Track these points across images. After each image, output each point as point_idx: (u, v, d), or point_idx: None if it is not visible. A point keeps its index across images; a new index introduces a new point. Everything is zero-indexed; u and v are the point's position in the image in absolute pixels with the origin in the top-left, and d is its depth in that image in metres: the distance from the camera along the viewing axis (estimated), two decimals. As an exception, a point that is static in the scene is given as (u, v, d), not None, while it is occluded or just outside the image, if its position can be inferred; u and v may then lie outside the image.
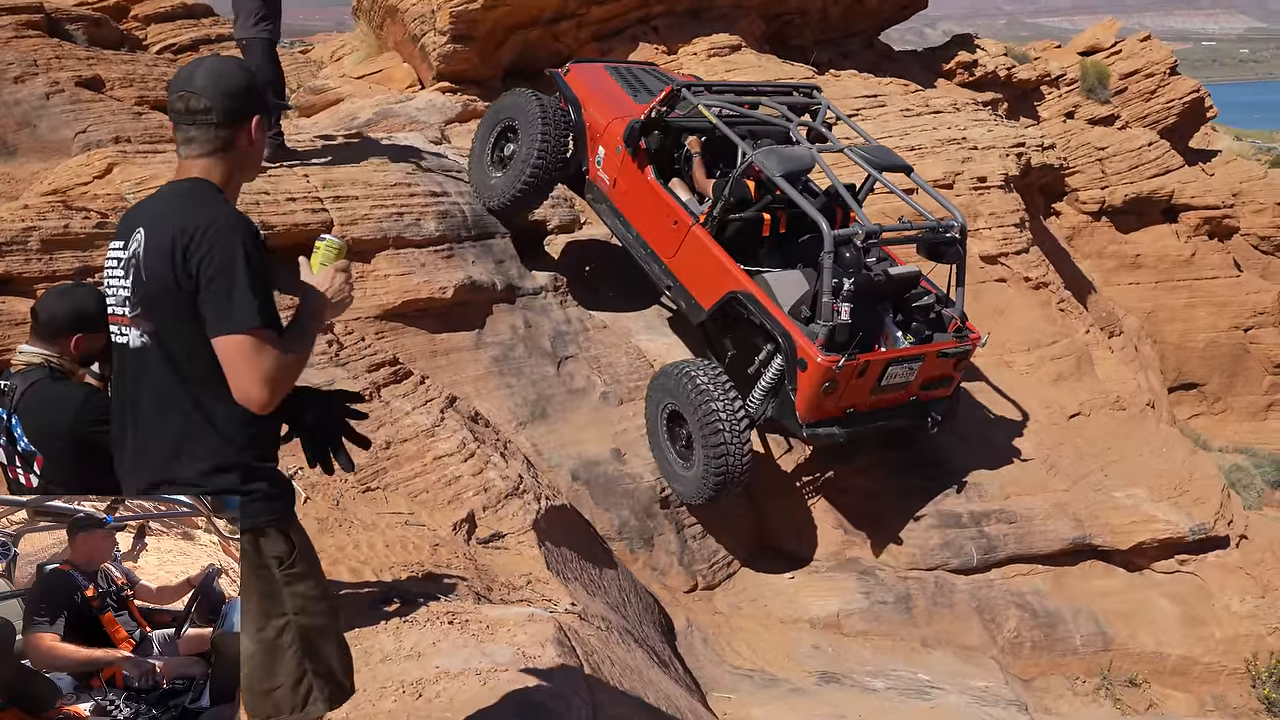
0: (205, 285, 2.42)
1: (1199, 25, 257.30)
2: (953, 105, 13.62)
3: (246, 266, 2.42)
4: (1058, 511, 8.68)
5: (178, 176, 2.62)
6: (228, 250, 2.42)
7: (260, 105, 2.65)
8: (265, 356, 2.42)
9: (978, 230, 11.06)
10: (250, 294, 2.41)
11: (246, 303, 2.41)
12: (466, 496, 6.17)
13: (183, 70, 2.62)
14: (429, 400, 6.95)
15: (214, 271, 2.42)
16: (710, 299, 7.80)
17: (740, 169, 7.77)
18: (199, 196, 2.53)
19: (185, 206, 2.51)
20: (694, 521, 8.16)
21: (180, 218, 2.48)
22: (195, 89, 2.55)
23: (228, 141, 2.59)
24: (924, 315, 7.61)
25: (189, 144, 2.59)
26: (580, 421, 8.23)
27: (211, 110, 2.55)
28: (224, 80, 2.58)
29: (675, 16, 13.59)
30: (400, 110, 11.75)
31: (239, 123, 2.60)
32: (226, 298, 2.41)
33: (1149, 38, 24.83)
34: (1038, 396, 9.85)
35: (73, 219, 6.48)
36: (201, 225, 2.44)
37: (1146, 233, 21.00)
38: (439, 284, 8.16)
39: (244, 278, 2.41)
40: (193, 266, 2.43)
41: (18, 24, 12.24)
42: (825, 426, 7.39)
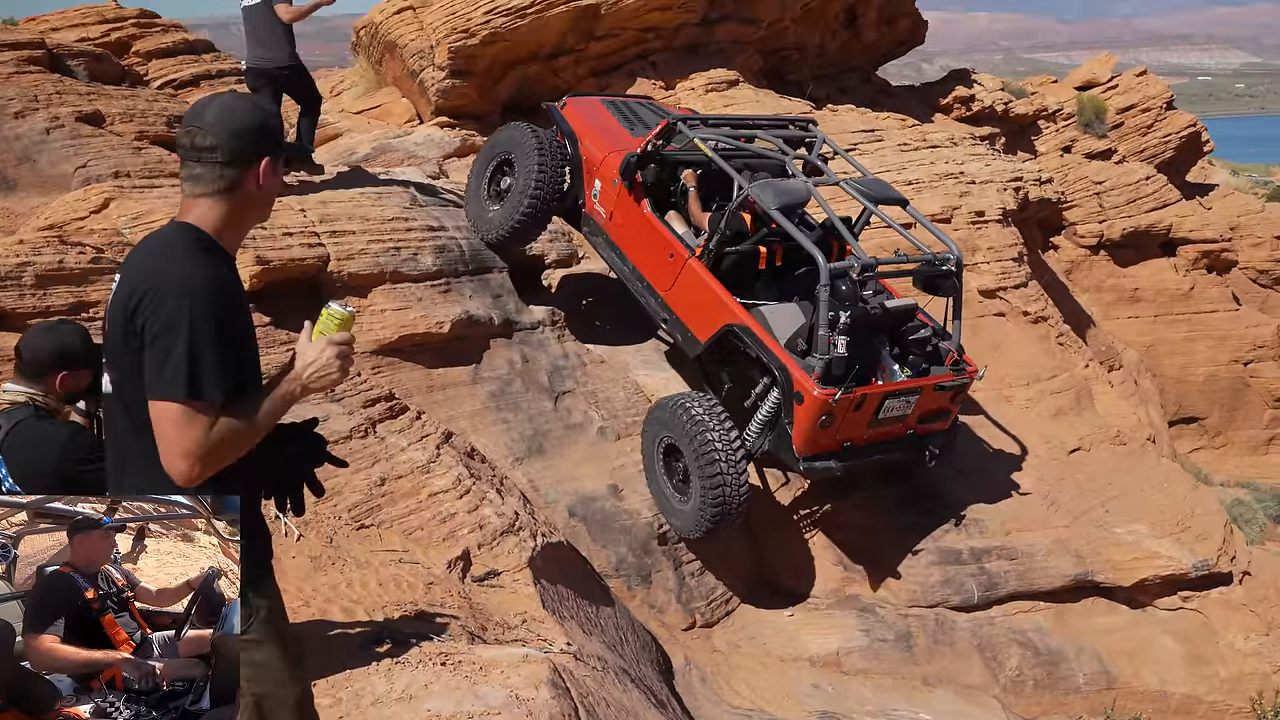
0: (148, 345, 2.34)
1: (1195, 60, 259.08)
2: (950, 140, 13.65)
3: (189, 332, 2.32)
4: (1059, 548, 8.61)
5: (178, 215, 2.53)
6: (174, 313, 2.33)
7: (274, 147, 2.54)
8: (192, 430, 2.31)
9: (976, 264, 11.05)
10: (186, 362, 2.31)
11: (179, 371, 2.31)
12: (462, 534, 6.10)
13: (196, 104, 2.53)
14: (425, 436, 6.89)
15: (157, 332, 2.33)
16: (706, 332, 7.77)
17: (736, 202, 7.78)
18: (169, 249, 2.43)
19: (152, 260, 2.43)
20: (692, 558, 8.09)
21: (142, 272, 2.40)
22: (203, 125, 2.46)
23: (233, 183, 2.49)
24: (921, 348, 7.58)
25: (193, 182, 2.49)
26: (577, 457, 8.18)
27: (217, 149, 2.45)
28: (234, 118, 2.47)
29: (673, 52, 13.66)
30: (398, 145, 11.77)
31: (247, 164, 2.49)
32: (162, 363, 2.32)
33: (1145, 72, 24.95)
34: (1037, 431, 9.80)
35: (68, 254, 6.46)
36: (155, 285, 2.35)
37: (1145, 266, 20.99)
38: (436, 319, 8.14)
39: (183, 344, 2.31)
40: (138, 325, 2.35)
41: (19, 60, 12.29)
42: (822, 460, 7.33)
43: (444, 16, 12.45)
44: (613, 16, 12.78)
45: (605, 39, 12.95)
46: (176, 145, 2.51)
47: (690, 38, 13.74)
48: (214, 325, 2.35)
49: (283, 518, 5.56)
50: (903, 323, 7.65)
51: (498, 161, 8.88)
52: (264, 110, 2.55)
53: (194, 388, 2.32)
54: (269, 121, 2.54)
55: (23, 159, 11.05)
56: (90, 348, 3.43)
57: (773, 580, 8.41)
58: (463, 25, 12.27)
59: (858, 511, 8.61)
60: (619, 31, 13.02)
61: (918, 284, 7.81)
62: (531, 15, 12.31)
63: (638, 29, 13.19)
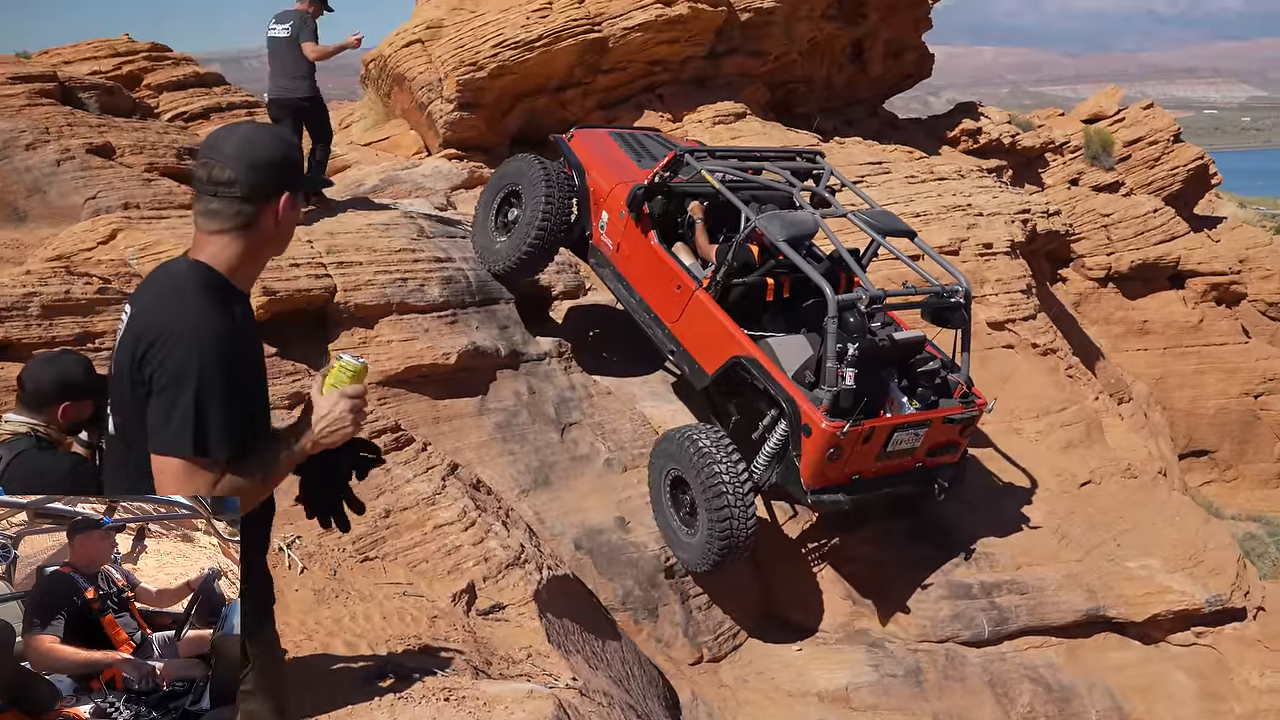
0: (155, 394, 2.27)
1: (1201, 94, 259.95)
2: (957, 172, 13.66)
3: (198, 384, 2.24)
4: (1070, 582, 8.51)
5: (191, 250, 2.42)
6: (183, 364, 2.25)
7: (294, 181, 2.42)
8: (195, 486, 2.27)
9: (984, 297, 11.02)
10: (193, 417, 2.24)
11: (185, 426, 2.24)
12: (466, 566, 6.05)
13: (214, 135, 2.41)
14: (430, 468, 6.85)
15: (165, 383, 2.26)
16: (714, 364, 7.73)
17: (743, 234, 7.75)
18: (180, 294, 2.33)
19: (162, 305, 2.33)
20: (699, 591, 8.01)
21: (151, 318, 2.31)
22: (221, 157, 2.33)
23: (251, 219, 2.37)
24: (929, 380, 7.53)
25: (209, 217, 2.36)
26: (584, 489, 8.13)
27: (236, 183, 2.33)
28: (254, 151, 2.35)
29: (680, 85, 13.73)
30: (406, 177, 11.81)
31: (266, 199, 2.37)
32: (168, 415, 2.25)
33: (1152, 106, 25.03)
34: (1047, 464, 9.72)
35: (74, 284, 6.46)
36: (164, 334, 2.27)
37: (1154, 299, 20.96)
38: (442, 350, 8.12)
39: (190, 397, 2.24)
40: (146, 374, 2.28)
41: (31, 92, 12.38)
42: (830, 493, 7.25)
43: (452, 50, 12.53)
44: (620, 50, 12.86)
45: (613, 72, 13.02)
46: (192, 178, 2.39)
47: (697, 71, 13.81)
48: (223, 377, 2.27)
49: (287, 550, 5.53)
50: (911, 355, 7.60)
51: (505, 193, 8.88)
52: (285, 142, 2.44)
53: (200, 444, 2.26)
54: (290, 154, 2.43)
55: (33, 190, 11.11)
56: (93, 378, 3.40)
57: (780, 614, 8.32)
58: (471, 58, 12.34)
59: (866, 545, 8.53)
60: (626, 64, 13.09)
61: (926, 316, 7.75)
62: (539, 49, 12.39)
63: (645, 62, 13.26)
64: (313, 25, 9.03)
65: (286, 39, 8.96)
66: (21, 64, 13.57)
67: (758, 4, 13.79)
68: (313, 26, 9.03)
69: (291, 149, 2.45)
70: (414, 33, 13.04)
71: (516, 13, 12.59)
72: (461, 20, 12.80)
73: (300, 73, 8.99)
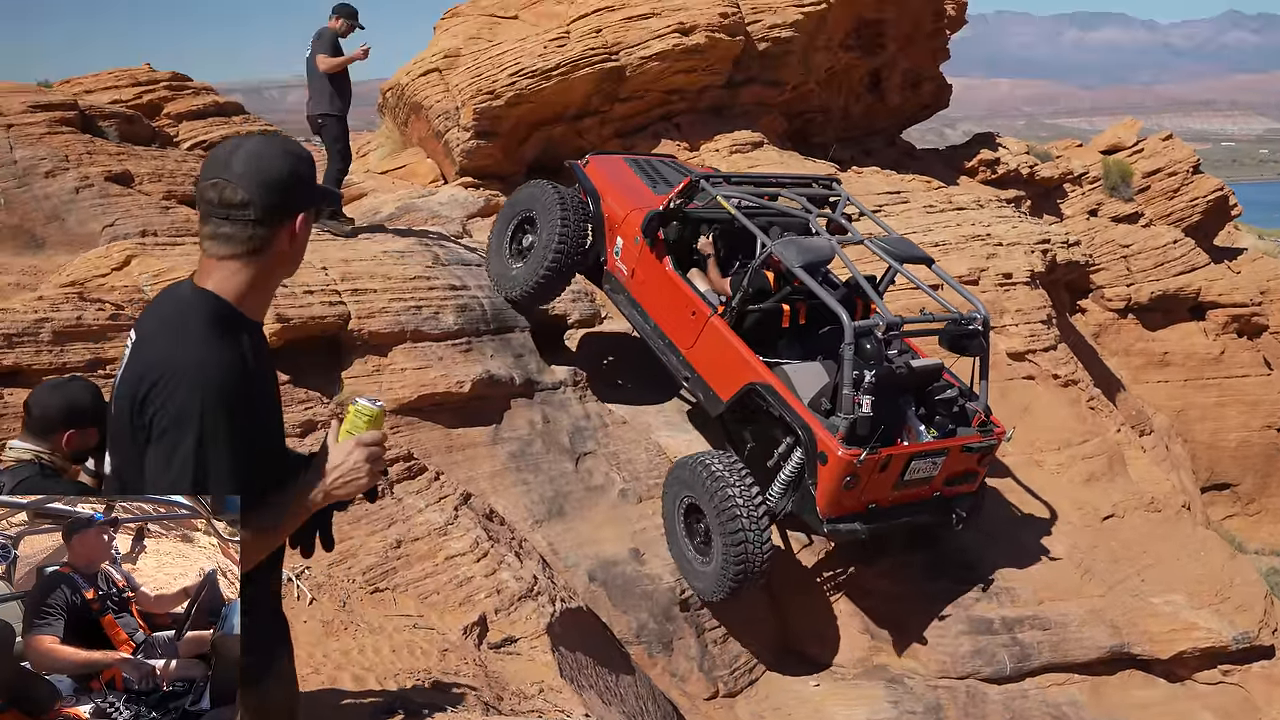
0: (155, 439, 2.14)
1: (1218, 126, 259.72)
2: (976, 202, 13.58)
3: (199, 430, 2.10)
4: (1094, 618, 8.34)
5: (198, 276, 2.26)
6: (184, 407, 2.10)
7: (307, 198, 2.26)
8: None
9: (1004, 327, 10.90)
10: (194, 463, 2.11)
11: (183, 475, 2.11)
12: (479, 598, 5.95)
13: (219, 151, 2.21)
14: (443, 497, 6.77)
15: (165, 425, 2.11)
16: (729, 390, 7.65)
17: (759, 260, 7.70)
18: (184, 328, 2.18)
19: (164, 339, 2.18)
20: (715, 625, 7.88)
21: (153, 354, 2.16)
22: (231, 177, 2.15)
23: (265, 242, 2.20)
24: (947, 409, 7.43)
25: (218, 241, 2.19)
26: (598, 520, 8.03)
27: (250, 205, 2.15)
28: (267, 168, 2.17)
29: (698, 114, 13.71)
30: (423, 204, 11.80)
31: (280, 221, 2.21)
32: (168, 459, 2.12)
33: (1170, 137, 24.90)
34: (1069, 497, 9.56)
35: (86, 310, 6.42)
36: (166, 373, 2.12)
37: (1174, 330, 20.76)
38: (456, 378, 8.06)
39: (190, 443, 2.10)
40: (147, 417, 2.14)
41: (51, 120, 12.49)
42: (847, 522, 7.14)
43: (469, 78, 12.54)
44: (638, 78, 12.85)
45: (630, 100, 13.02)
46: (198, 199, 2.21)
47: (715, 100, 13.79)
48: (227, 420, 2.13)
49: (296, 581, 5.44)
50: (929, 383, 7.52)
51: (519, 220, 8.87)
52: (295, 155, 2.25)
53: (204, 489, 2.14)
54: (300, 168, 2.24)
55: (52, 218, 11.17)
56: (100, 405, 3.34)
57: (797, 648, 8.18)
58: (488, 86, 12.35)
59: (884, 578, 8.39)
60: (644, 93, 13.09)
61: (944, 343, 7.67)
62: (556, 77, 12.39)
63: (662, 91, 13.26)
64: (328, 38, 9.18)
65: (308, 56, 9.17)
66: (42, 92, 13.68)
67: (775, 34, 13.78)
68: (328, 39, 9.17)
69: (302, 161, 2.27)
70: (431, 62, 13.07)
71: (534, 41, 12.61)
72: (479, 49, 12.83)
73: (317, 90, 9.21)
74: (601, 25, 12.77)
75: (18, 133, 12.14)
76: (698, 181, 8.18)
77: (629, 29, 12.80)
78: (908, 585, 8.38)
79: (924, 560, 8.49)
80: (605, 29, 12.76)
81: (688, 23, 12.79)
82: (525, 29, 13.13)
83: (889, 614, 8.20)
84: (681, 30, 12.75)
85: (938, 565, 8.47)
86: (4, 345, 5.97)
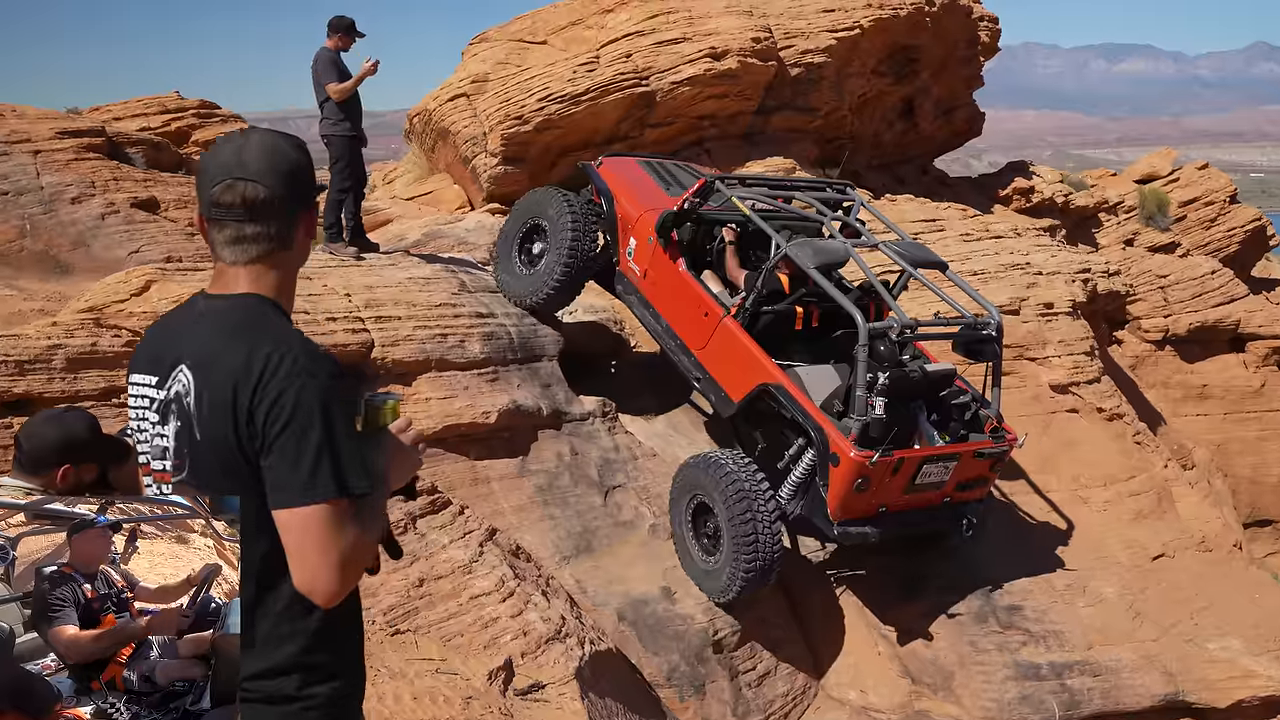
0: (275, 443, 1.92)
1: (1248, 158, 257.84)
2: (1013, 230, 13.27)
3: (325, 419, 1.92)
4: (1146, 664, 7.96)
5: (220, 288, 2.09)
6: (304, 398, 1.92)
7: (315, 185, 2.18)
8: (340, 537, 1.92)
9: (1047, 359, 10.57)
10: (330, 455, 1.91)
11: (319, 464, 1.90)
12: (504, 640, 5.66)
13: (222, 150, 2.06)
14: (468, 533, 6.49)
15: (283, 425, 1.91)
16: (740, 391, 7.58)
17: (773, 260, 7.66)
18: (259, 326, 2.00)
19: (245, 342, 1.98)
20: (750, 667, 7.56)
21: (240, 358, 1.95)
22: (249, 174, 2.02)
23: (286, 238, 2.08)
24: (960, 414, 7.41)
25: (240, 245, 2.05)
26: (628, 556, 7.74)
27: (273, 200, 2.03)
28: (282, 160, 2.06)
29: (729, 139, 13.47)
30: (449, 231, 11.61)
31: (301, 211, 2.11)
32: (295, 460, 1.91)
33: (1206, 166, 24.51)
34: (1117, 535, 9.19)
35: (101, 337, 6.22)
36: (270, 368, 1.93)
37: (1212, 362, 20.31)
38: (482, 408, 7.82)
39: (321, 434, 1.91)
40: (259, 422, 1.93)
41: (79, 147, 12.50)
42: (857, 526, 7.12)
43: (498, 103, 12.36)
44: (668, 104, 12.63)
45: (660, 126, 12.79)
46: (210, 204, 2.04)
47: (746, 126, 13.55)
48: (340, 409, 1.97)
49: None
50: (941, 388, 7.48)
51: (528, 227, 8.86)
52: (298, 143, 2.15)
53: (341, 483, 1.93)
54: (306, 154, 2.15)
55: (77, 244, 11.10)
56: (99, 439, 3.07)
57: (835, 692, 7.83)
58: (516, 112, 12.17)
59: (925, 618, 8.06)
60: (674, 119, 12.86)
61: (957, 349, 7.63)
62: (586, 103, 12.18)
63: (693, 117, 13.02)
64: (325, 60, 8.83)
65: (314, 82, 8.89)
66: (70, 119, 13.70)
67: (808, 59, 13.54)
68: (329, 62, 8.82)
69: (304, 147, 2.16)
70: (459, 87, 12.89)
71: (563, 66, 12.41)
72: (507, 74, 12.63)
73: (323, 112, 8.94)
74: (632, 50, 12.56)
75: (45, 158, 12.12)
76: (713, 182, 8.10)
77: (660, 54, 12.58)
78: (949, 627, 8.04)
79: (967, 601, 8.15)
80: (635, 53, 12.56)
81: (719, 47, 12.56)
82: (554, 54, 12.94)
83: (930, 657, 7.85)
84: (713, 55, 12.52)
85: (981, 606, 8.12)
86: (15, 372, 5.77)
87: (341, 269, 8.52)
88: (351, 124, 8.87)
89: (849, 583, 8.18)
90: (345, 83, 8.75)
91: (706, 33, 12.80)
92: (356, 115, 8.95)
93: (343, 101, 8.78)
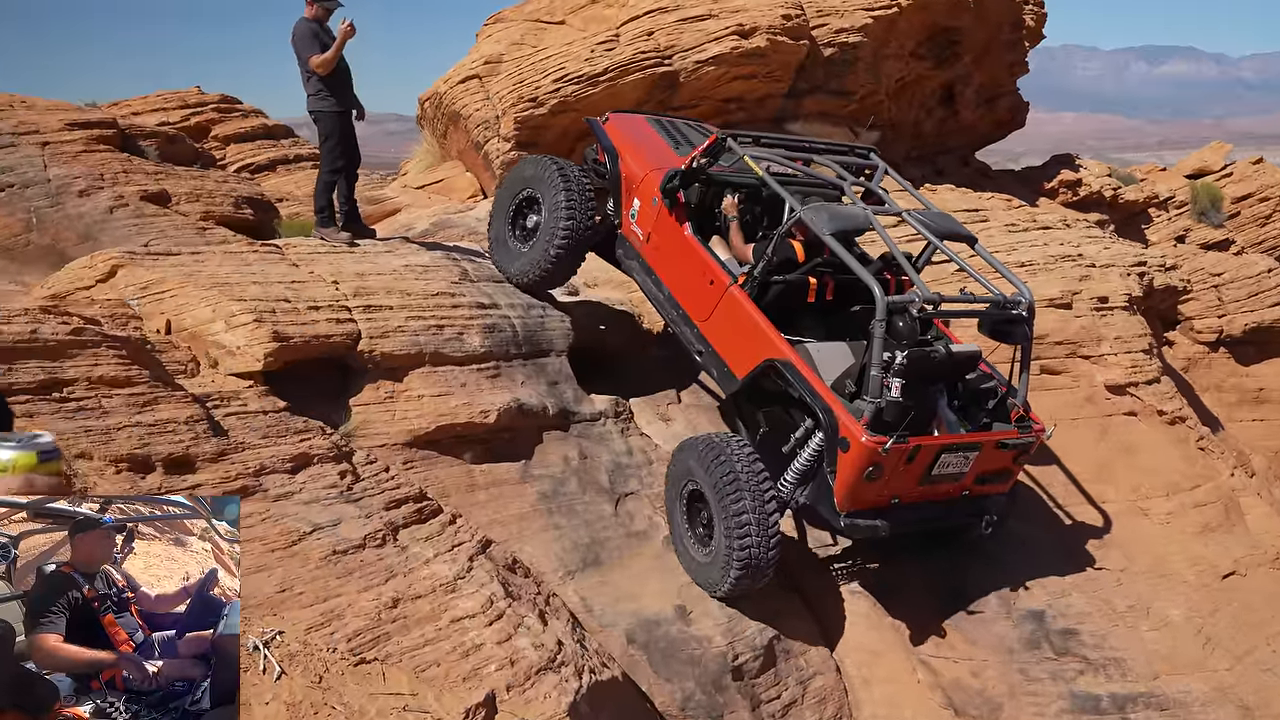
0: None
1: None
2: (1062, 221, 12.43)
3: None
4: (1220, 696, 7.13)
5: None
6: None
7: None
8: None
9: (1102, 356, 9.73)
10: None
11: None
12: (487, 671, 4.93)
13: None
14: (457, 545, 5.78)
15: None
16: (745, 367, 6.93)
17: (786, 225, 7.01)
18: None
19: None
20: (774, 695, 6.80)
21: None
22: None
23: None
24: (984, 400, 6.77)
25: None
26: (639, 571, 7.03)
27: None
28: None
29: (757, 124, 12.68)
30: (459, 220, 10.96)
31: None
32: None
33: (1261, 160, 23.51)
34: (1182, 551, 8.35)
35: (44, 324, 5.54)
36: None
37: (1270, 365, 19.35)
38: (481, 407, 7.14)
39: None
40: None
41: (89, 138, 12.11)
42: (866, 518, 6.45)
43: (511, 85, 11.68)
44: (692, 85, 11.87)
45: (684, 109, 12.00)
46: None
47: (776, 110, 12.76)
48: None
49: (263, 650, 4.46)
50: (965, 371, 6.83)
51: (520, 200, 8.25)
52: None
53: None
54: None
55: (84, 237, 10.64)
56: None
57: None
58: (530, 94, 11.48)
59: (969, 643, 7.28)
60: (698, 102, 12.09)
61: (984, 329, 7.01)
62: (604, 83, 11.46)
63: (719, 99, 12.25)
64: (304, 31, 8.15)
65: (297, 58, 8.22)
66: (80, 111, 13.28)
67: (842, 39, 12.72)
68: (309, 34, 8.13)
69: None
70: (471, 68, 12.23)
71: (580, 45, 11.70)
72: (522, 55, 11.95)
73: (308, 88, 8.26)
74: (654, 27, 11.81)
75: (53, 150, 11.69)
76: (724, 140, 7.40)
77: (684, 31, 11.83)
78: (998, 654, 7.25)
79: (1015, 622, 7.37)
80: (658, 31, 11.81)
81: (747, 24, 11.77)
82: (572, 34, 12.23)
83: (977, 688, 7.06)
84: (740, 33, 11.73)
85: (1033, 630, 7.33)
86: (-64, 362, 5.11)
87: (332, 255, 7.86)
88: (338, 98, 8.19)
89: (883, 600, 7.41)
90: (326, 54, 8.06)
91: (734, 9, 12.03)
92: (345, 87, 8.27)
93: (329, 75, 8.10)
